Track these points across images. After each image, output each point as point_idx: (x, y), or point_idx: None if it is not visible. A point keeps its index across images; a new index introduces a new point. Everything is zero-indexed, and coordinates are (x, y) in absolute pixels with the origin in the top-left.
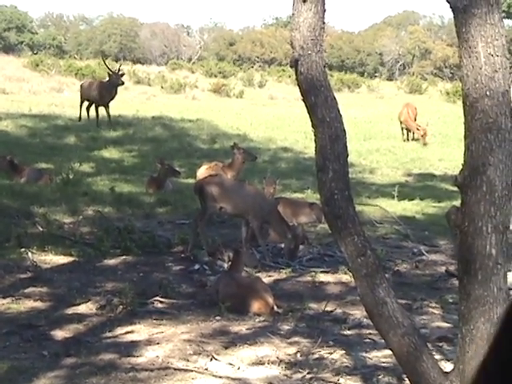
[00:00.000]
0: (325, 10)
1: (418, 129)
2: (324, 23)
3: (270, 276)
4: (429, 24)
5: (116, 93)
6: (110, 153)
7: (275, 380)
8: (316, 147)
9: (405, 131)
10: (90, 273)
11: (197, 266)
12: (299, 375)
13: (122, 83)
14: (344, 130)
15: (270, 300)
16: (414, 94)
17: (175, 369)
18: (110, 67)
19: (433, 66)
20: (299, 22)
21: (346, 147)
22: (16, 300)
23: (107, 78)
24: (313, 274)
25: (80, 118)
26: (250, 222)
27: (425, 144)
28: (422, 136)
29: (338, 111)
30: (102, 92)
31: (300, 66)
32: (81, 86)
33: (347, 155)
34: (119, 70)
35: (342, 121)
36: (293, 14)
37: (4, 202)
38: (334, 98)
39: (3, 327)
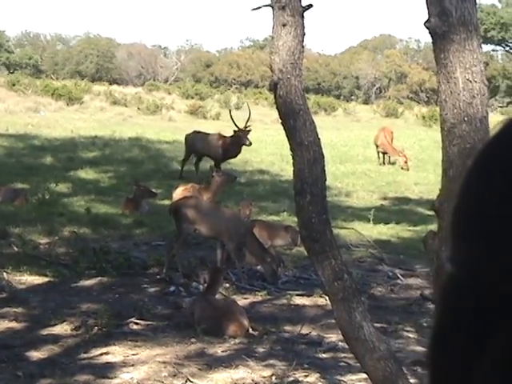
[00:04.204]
0: (304, 34)
1: (399, 155)
2: (303, 47)
3: (245, 298)
4: (405, 48)
5: (240, 152)
6: (87, 173)
7: None
8: (294, 170)
9: (381, 155)
10: (65, 293)
11: (172, 288)
12: None
13: (250, 144)
14: (322, 154)
15: (246, 322)
16: (390, 118)
17: None
18: (236, 123)
19: (409, 89)
20: (279, 45)
21: (324, 171)
22: None
23: (231, 134)
24: (288, 296)
25: (181, 175)
26: (225, 244)
27: (407, 169)
28: (405, 162)
29: (317, 135)
30: (225, 149)
31: (279, 89)
32: (188, 137)
33: (325, 179)
34: (246, 126)
35: (321, 144)
36: (272, 38)
37: None
38: (313, 122)
39: None
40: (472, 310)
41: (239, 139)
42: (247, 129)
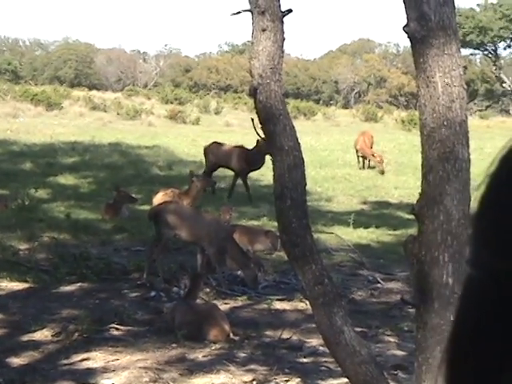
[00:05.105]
0: (284, 39)
1: (373, 155)
2: (283, 52)
3: (226, 303)
4: (384, 52)
5: (264, 162)
6: (66, 179)
7: None
8: (274, 175)
9: (361, 159)
10: (45, 299)
11: (153, 293)
12: None
13: None
14: (302, 159)
15: (226, 327)
16: (369, 122)
17: None
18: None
19: (388, 94)
20: (258, 50)
21: (304, 176)
22: None
23: (253, 145)
24: (269, 301)
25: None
26: (205, 249)
27: (382, 172)
28: (379, 162)
29: (297, 140)
30: (249, 160)
31: (259, 94)
32: (207, 149)
33: (305, 184)
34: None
35: (301, 149)
36: (252, 43)
37: None
38: (293, 127)
39: None
40: (495, 310)
41: (263, 149)
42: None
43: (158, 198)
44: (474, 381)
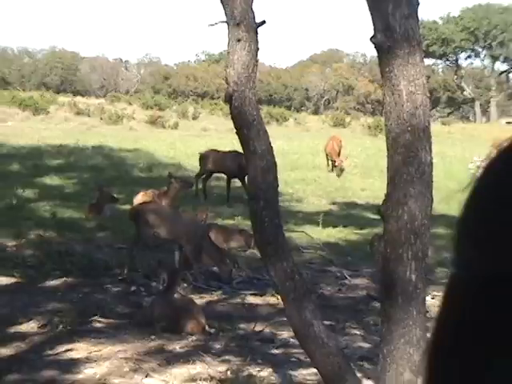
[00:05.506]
0: (258, 49)
1: (338, 159)
2: (257, 61)
3: (202, 297)
4: (352, 62)
5: None
6: (52, 180)
7: None
8: (248, 177)
9: (330, 162)
10: (32, 293)
11: (133, 288)
12: None
13: None
14: (275, 162)
15: (202, 320)
16: (337, 128)
17: None
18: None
19: (355, 101)
20: (234, 59)
21: (277, 178)
22: None
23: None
24: (242, 296)
25: (197, 193)
26: (183, 246)
27: (340, 169)
28: (339, 164)
29: (269, 144)
30: (243, 166)
31: (234, 100)
32: (203, 156)
33: (277, 185)
34: None
35: (273, 153)
36: (228, 52)
37: None
38: (266, 132)
39: None
40: (480, 311)
41: None
42: None
43: (138, 199)
44: (457, 381)
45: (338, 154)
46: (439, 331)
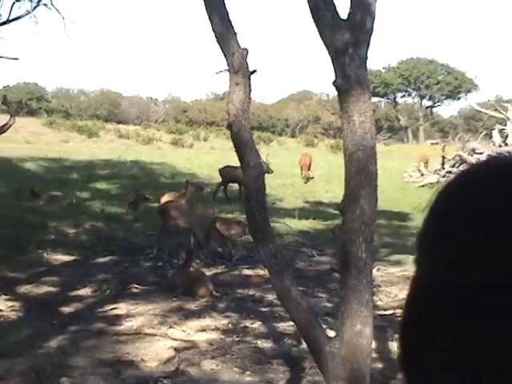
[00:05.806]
0: (251, 90)
1: (308, 170)
2: (250, 99)
3: (210, 270)
4: (319, 99)
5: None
6: (101, 185)
7: (214, 342)
8: (244, 183)
9: (303, 172)
10: (86, 267)
11: (160, 263)
12: (230, 338)
13: (271, 172)
14: (263, 172)
15: (210, 287)
16: (309, 147)
17: (145, 334)
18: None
19: (321, 128)
20: (233, 97)
21: (264, 183)
22: (35, 286)
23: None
24: (240, 269)
25: (214, 195)
26: (196, 233)
27: (307, 181)
28: (307, 175)
29: (259, 159)
30: None
31: (233, 127)
32: (223, 171)
33: (265, 189)
34: (267, 159)
35: (262, 166)
36: (229, 93)
37: (27, 218)
38: (257, 150)
39: (26, 305)
40: (433, 312)
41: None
42: (266, 162)
43: (164, 198)
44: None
45: (309, 167)
46: (404, 322)
